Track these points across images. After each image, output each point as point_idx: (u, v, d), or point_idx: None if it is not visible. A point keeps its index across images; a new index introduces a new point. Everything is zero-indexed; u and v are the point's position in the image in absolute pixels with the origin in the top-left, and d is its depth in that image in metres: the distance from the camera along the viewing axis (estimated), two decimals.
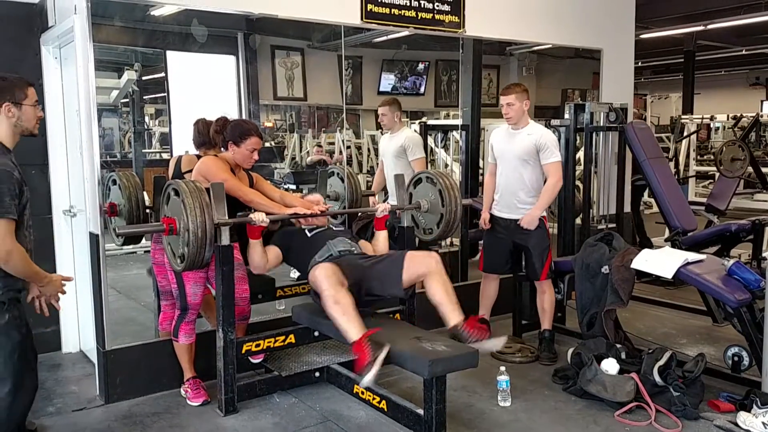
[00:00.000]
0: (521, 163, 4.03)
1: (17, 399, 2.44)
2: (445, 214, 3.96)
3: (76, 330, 4.28)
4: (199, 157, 3.69)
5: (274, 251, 3.58)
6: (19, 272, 2.37)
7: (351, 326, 2.98)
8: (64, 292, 2.62)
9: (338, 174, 4.85)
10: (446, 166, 6.29)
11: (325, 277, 3.12)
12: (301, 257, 3.56)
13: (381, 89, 6.50)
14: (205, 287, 3.54)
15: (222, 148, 3.55)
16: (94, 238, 3.55)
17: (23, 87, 2.45)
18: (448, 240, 5.20)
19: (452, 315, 3.18)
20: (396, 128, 4.78)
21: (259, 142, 3.47)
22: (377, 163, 5.28)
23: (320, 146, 6.46)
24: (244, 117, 5.49)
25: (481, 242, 4.46)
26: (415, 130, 5.90)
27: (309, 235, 3.63)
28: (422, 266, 3.27)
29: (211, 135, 3.63)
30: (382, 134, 5.20)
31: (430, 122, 6.43)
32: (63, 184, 4.19)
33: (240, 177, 3.52)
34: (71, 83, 3.83)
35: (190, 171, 3.58)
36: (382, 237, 3.82)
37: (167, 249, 3.32)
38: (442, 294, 3.20)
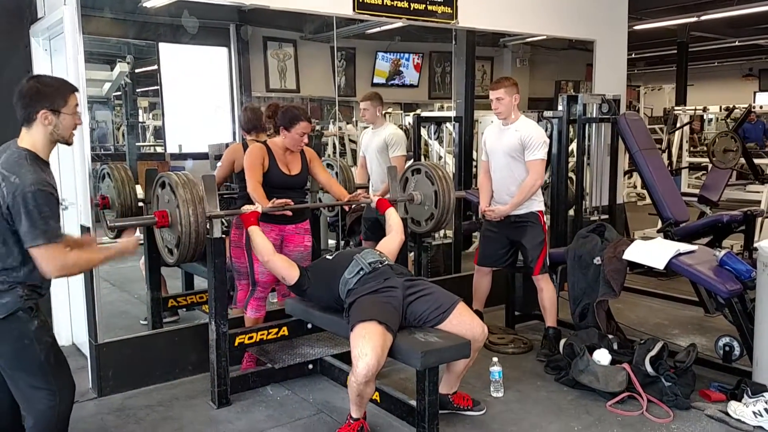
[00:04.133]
0: (510, 159, 4.01)
1: (61, 403, 2.31)
2: (438, 206, 3.96)
3: (68, 323, 4.26)
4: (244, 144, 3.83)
5: (288, 262, 3.30)
6: (84, 269, 2.25)
7: (358, 408, 2.92)
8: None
9: (331, 166, 4.85)
10: (440, 158, 6.29)
11: (372, 352, 2.69)
12: (328, 281, 3.19)
13: (375, 81, 6.49)
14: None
15: (275, 132, 3.66)
16: (85, 231, 3.53)
17: (65, 94, 2.28)
18: (441, 232, 5.20)
19: (453, 385, 3.22)
20: (378, 123, 4.65)
21: (309, 126, 3.58)
22: None
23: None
24: (236, 109, 5.49)
25: (476, 234, 4.46)
26: (408, 123, 5.87)
27: (330, 258, 3.35)
28: (468, 332, 2.94)
29: (263, 120, 3.81)
30: (364, 129, 5.13)
31: (424, 114, 6.42)
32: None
33: (292, 158, 3.64)
34: (61, 75, 3.79)
35: None
36: (392, 216, 3.67)
37: (159, 241, 3.31)
38: (462, 366, 3.11)
